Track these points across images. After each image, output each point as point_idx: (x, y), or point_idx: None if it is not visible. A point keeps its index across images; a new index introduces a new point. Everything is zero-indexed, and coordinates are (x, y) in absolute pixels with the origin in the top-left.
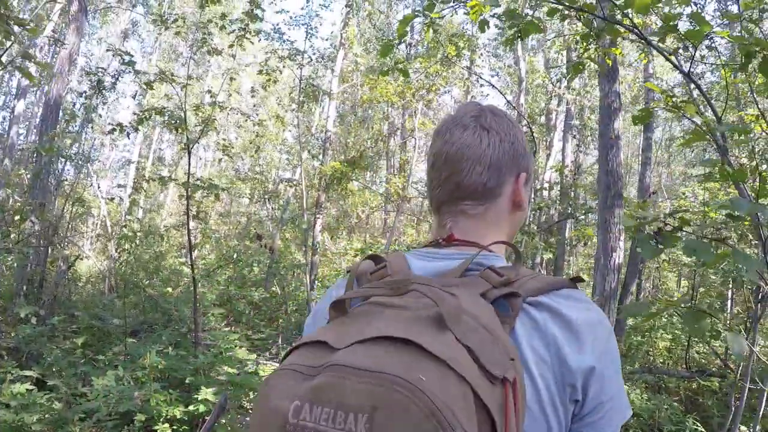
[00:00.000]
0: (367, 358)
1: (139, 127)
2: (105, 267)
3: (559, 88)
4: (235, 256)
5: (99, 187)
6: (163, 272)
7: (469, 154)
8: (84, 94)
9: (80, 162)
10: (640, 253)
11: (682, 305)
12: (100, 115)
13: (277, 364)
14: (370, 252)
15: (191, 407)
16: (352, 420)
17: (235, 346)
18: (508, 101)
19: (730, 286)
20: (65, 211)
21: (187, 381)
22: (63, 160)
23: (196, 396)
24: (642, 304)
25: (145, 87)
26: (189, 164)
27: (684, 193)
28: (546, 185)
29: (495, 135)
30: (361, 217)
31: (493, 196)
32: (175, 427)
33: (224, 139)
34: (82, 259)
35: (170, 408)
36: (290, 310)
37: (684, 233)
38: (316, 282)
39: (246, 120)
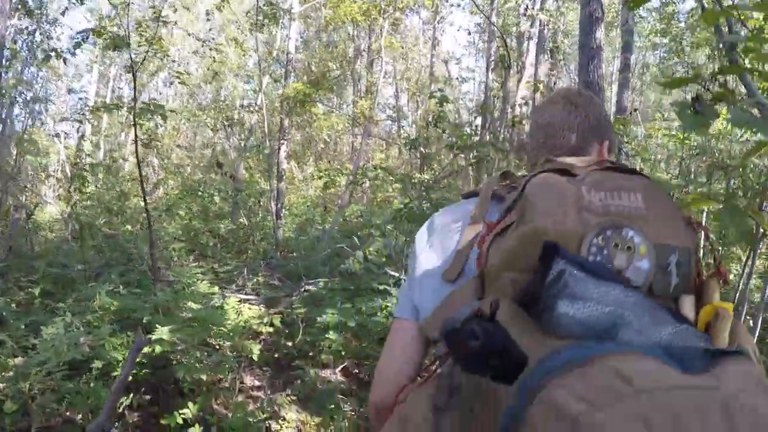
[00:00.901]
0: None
1: (78, 52)
2: (66, 212)
3: (533, 8)
4: (200, 187)
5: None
6: (126, 212)
7: (560, 122)
8: (26, 30)
9: (30, 104)
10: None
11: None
12: (49, 54)
13: (243, 296)
14: (331, 174)
15: (147, 349)
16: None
17: (197, 281)
18: (485, 16)
19: None
20: (17, 156)
21: (144, 321)
22: (11, 103)
23: (149, 336)
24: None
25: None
26: (135, 88)
27: (659, 118)
28: (520, 101)
29: (582, 109)
30: (327, 142)
31: (582, 155)
32: (135, 371)
33: (179, 67)
34: (42, 206)
35: (127, 351)
36: (256, 241)
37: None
38: (284, 210)
39: (202, 45)
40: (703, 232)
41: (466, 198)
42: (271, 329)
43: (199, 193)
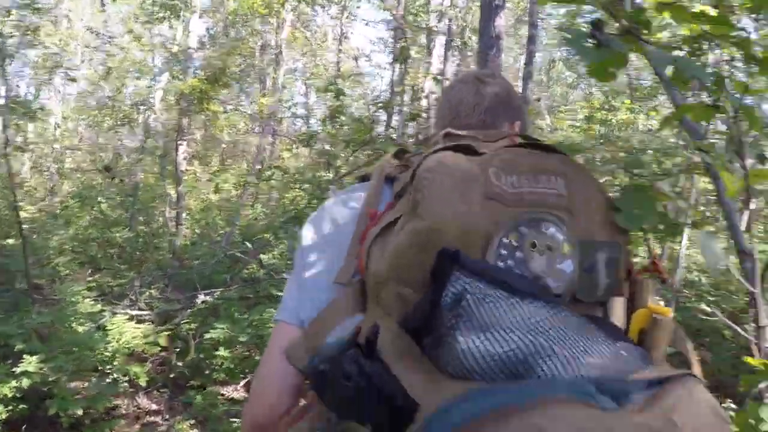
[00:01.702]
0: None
1: None
2: None
3: (441, 4)
4: (92, 193)
5: None
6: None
7: (468, 101)
8: None
9: None
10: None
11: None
12: None
13: (136, 312)
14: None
15: (14, 382)
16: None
17: (82, 299)
18: (392, 14)
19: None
20: None
21: (16, 349)
22: None
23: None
24: None
25: None
26: (6, 85)
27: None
28: (424, 94)
29: (493, 87)
30: (231, 143)
31: None
32: (10, 408)
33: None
34: None
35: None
36: (153, 249)
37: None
38: (184, 215)
39: (97, 37)
40: None
41: (360, 182)
42: (158, 349)
43: (99, 200)
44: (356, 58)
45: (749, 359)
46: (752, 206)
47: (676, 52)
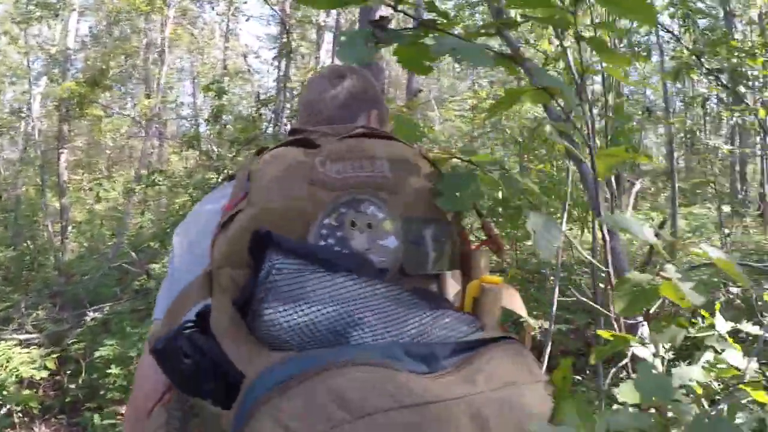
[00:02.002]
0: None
1: None
2: None
3: None
4: None
5: None
6: None
7: (327, 94)
8: None
9: None
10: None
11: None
12: None
13: (23, 336)
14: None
15: None
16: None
17: None
18: (275, 9)
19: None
20: None
21: None
22: None
23: None
24: None
25: None
26: None
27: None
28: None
29: (348, 80)
30: (116, 148)
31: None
32: None
33: None
34: None
35: None
36: (38, 267)
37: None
38: (69, 228)
39: None
40: None
41: (229, 180)
42: (46, 374)
43: None
44: (244, 55)
45: (601, 332)
46: (637, 186)
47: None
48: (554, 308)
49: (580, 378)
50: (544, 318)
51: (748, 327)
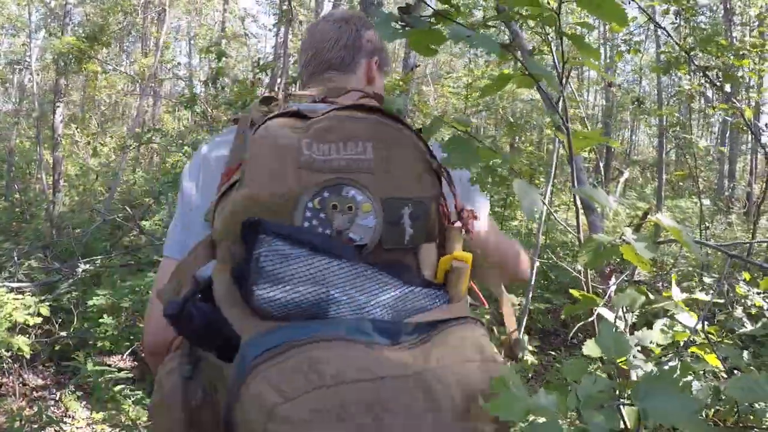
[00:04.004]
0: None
1: None
2: None
3: None
4: None
5: None
6: None
7: (330, 37)
8: None
9: None
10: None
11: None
12: None
13: (15, 284)
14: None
15: None
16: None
17: None
18: None
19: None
20: None
21: None
22: None
23: None
24: None
25: None
26: None
27: (447, 78)
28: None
29: (352, 26)
30: (111, 105)
31: (350, 70)
32: None
33: None
34: None
35: None
36: (30, 218)
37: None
38: (62, 182)
39: None
40: (439, 177)
41: (233, 124)
42: (40, 320)
43: None
44: (242, 19)
45: (574, 291)
46: (625, 175)
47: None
48: (532, 281)
49: (555, 354)
50: (523, 295)
51: (701, 295)
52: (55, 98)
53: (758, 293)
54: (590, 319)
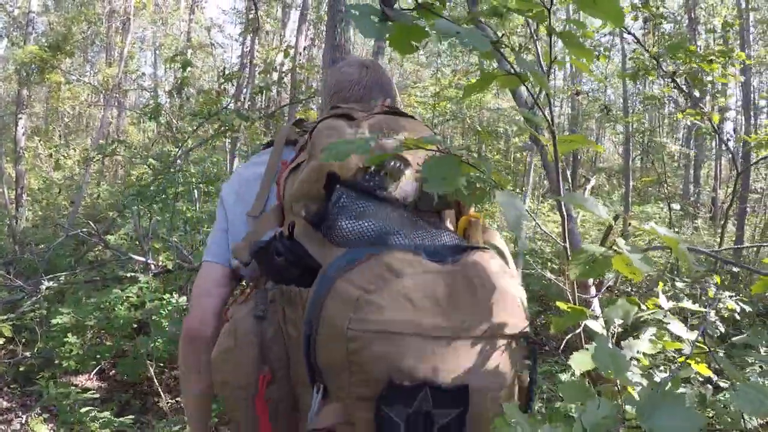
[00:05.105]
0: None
1: None
2: None
3: None
4: None
5: None
6: None
7: (352, 78)
8: None
9: None
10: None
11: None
12: None
13: None
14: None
15: None
16: None
17: None
18: None
19: None
20: None
21: None
22: None
23: None
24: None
25: None
26: None
27: (414, 88)
28: (273, 67)
29: (372, 71)
30: (74, 116)
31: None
32: None
33: None
34: None
35: None
36: None
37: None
38: (25, 196)
39: None
40: None
41: (265, 148)
42: (2, 340)
43: None
44: (209, 29)
45: (560, 303)
46: (591, 182)
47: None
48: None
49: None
50: None
51: (688, 304)
52: (17, 110)
53: (731, 296)
54: (577, 331)
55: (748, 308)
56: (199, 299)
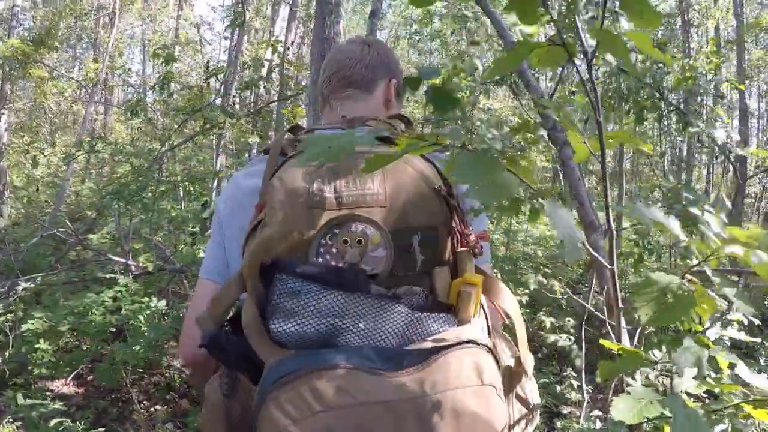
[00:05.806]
0: None
1: None
2: None
3: None
4: None
5: None
6: None
7: (353, 56)
8: None
9: None
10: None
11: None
12: None
13: None
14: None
15: None
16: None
17: None
18: None
19: None
20: None
21: None
22: None
23: None
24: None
25: None
26: None
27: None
28: (261, 63)
29: (375, 49)
30: (59, 112)
31: (369, 90)
32: None
33: None
34: None
35: None
36: None
37: None
38: (7, 192)
39: None
40: (448, 203)
41: (264, 154)
42: None
43: None
44: (197, 26)
45: (606, 342)
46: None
47: None
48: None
49: (547, 380)
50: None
51: (740, 335)
52: (0, 105)
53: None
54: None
55: None
56: (189, 322)
